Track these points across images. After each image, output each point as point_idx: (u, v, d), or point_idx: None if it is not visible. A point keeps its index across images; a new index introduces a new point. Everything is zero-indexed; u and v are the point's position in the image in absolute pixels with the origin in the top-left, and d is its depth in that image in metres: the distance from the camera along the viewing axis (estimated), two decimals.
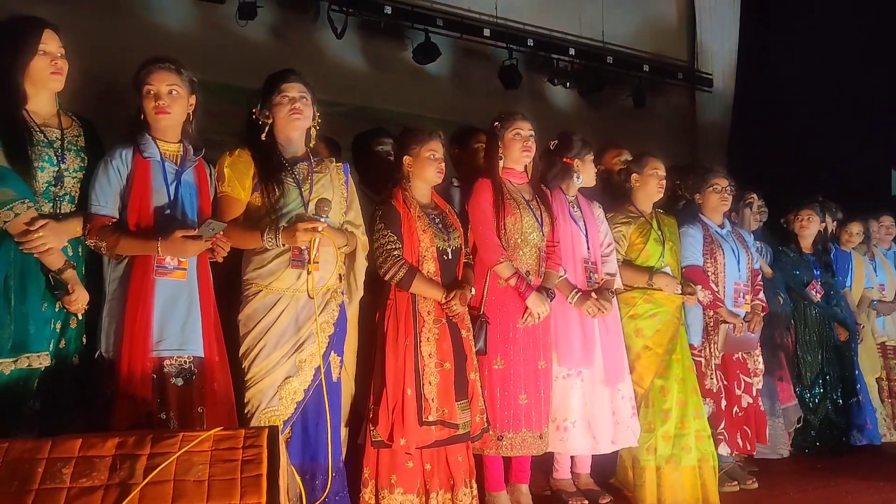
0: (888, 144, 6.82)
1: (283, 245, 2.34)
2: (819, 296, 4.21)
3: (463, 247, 2.80)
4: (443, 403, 2.59)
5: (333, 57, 6.04)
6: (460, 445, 2.69)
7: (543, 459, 3.11)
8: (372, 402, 2.62)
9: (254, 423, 2.33)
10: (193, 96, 2.39)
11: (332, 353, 2.44)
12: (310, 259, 2.32)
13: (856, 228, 4.66)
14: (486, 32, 6.43)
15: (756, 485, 3.43)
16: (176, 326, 2.22)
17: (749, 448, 3.59)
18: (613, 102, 7.24)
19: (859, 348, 4.53)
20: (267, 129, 2.47)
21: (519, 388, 2.83)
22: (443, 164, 2.75)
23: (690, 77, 7.53)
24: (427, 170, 2.73)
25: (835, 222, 4.45)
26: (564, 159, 3.13)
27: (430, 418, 2.55)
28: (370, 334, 2.73)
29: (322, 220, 2.30)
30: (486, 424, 2.74)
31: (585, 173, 3.17)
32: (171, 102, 2.30)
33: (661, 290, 3.23)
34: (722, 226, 3.60)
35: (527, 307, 2.83)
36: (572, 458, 3.12)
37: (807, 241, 4.34)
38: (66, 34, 2.31)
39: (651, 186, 3.36)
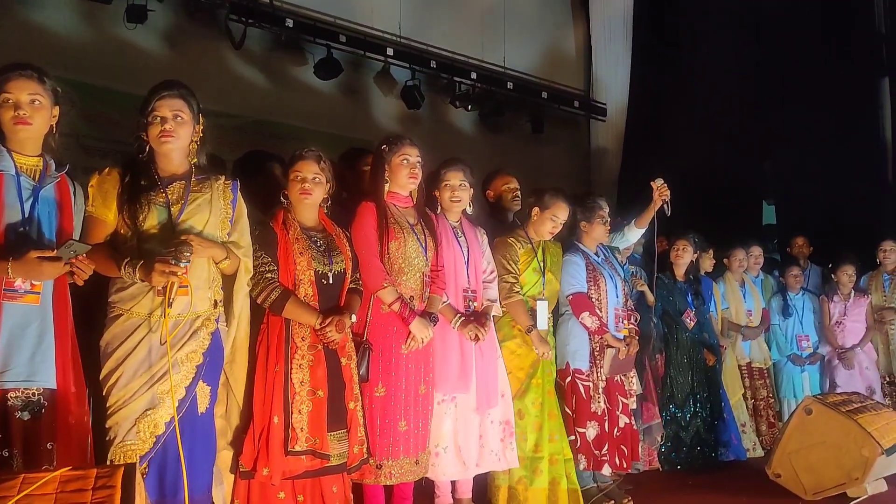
0: (761, 179, 7.39)
1: (141, 280, 2.22)
2: (693, 323, 4.46)
3: (348, 271, 2.74)
4: (314, 433, 2.50)
5: (230, 68, 5.87)
6: (335, 476, 2.61)
7: (427, 486, 3.11)
8: (239, 430, 2.52)
9: (110, 456, 2.18)
10: (57, 107, 2.22)
11: (202, 382, 2.31)
12: (165, 302, 2.19)
13: (709, 254, 4.92)
14: (390, 52, 6.44)
15: (632, 503, 3.56)
16: (24, 355, 2.04)
17: (626, 466, 3.72)
18: (513, 127, 7.42)
19: (723, 369, 4.82)
20: (147, 146, 2.34)
21: (399, 415, 2.81)
22: (307, 185, 2.63)
23: (586, 106, 7.83)
24: (292, 191, 2.66)
25: (697, 252, 4.73)
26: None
27: (297, 448, 2.47)
28: None
29: (181, 265, 2.16)
30: (365, 455, 2.68)
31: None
32: (33, 113, 2.12)
33: (531, 343, 3.33)
34: (596, 254, 3.74)
35: (410, 332, 2.82)
36: (453, 483, 3.13)
37: (680, 269, 4.58)
38: None
39: (545, 227, 3.44)
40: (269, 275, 2.56)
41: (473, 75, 6.91)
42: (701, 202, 6.42)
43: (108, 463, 2.16)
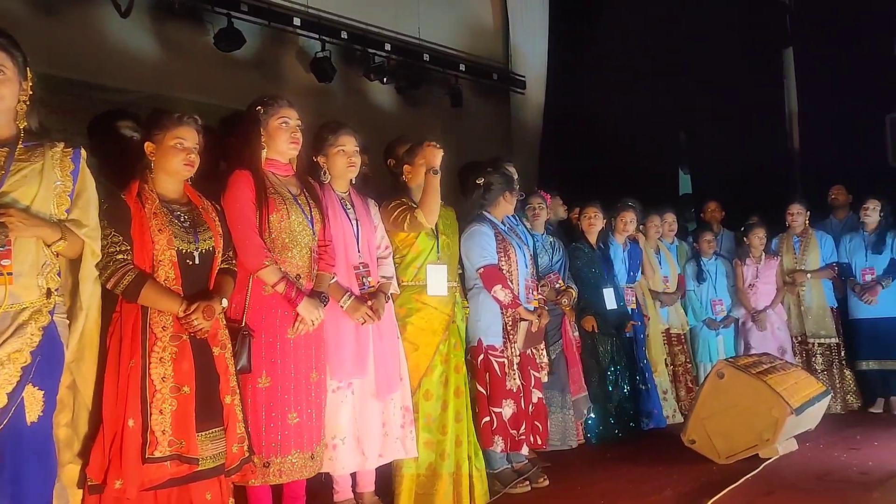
0: (677, 149, 7.45)
1: None
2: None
3: (218, 250, 2.43)
4: (179, 435, 2.20)
5: (118, 39, 5.39)
6: (210, 481, 2.31)
7: (325, 482, 2.89)
8: (87, 439, 2.20)
9: None
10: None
11: (31, 386, 1.96)
12: None
13: (629, 217, 4.71)
14: (297, 22, 6.12)
15: (547, 482, 3.43)
16: None
17: (541, 443, 3.60)
18: (432, 100, 7.20)
19: (648, 338, 4.80)
20: None
21: (289, 407, 2.55)
22: (193, 156, 2.36)
23: (505, 79, 7.67)
24: (171, 161, 2.34)
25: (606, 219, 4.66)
26: (312, 157, 2.89)
27: (158, 454, 2.17)
28: None
29: None
30: (246, 454, 2.40)
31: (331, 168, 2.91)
32: None
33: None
34: (503, 223, 3.56)
35: (298, 315, 2.57)
36: (353, 476, 2.91)
37: (593, 237, 4.51)
38: None
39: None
40: (120, 256, 2.23)
41: (387, 47, 6.66)
42: (620, 174, 6.39)
43: None
